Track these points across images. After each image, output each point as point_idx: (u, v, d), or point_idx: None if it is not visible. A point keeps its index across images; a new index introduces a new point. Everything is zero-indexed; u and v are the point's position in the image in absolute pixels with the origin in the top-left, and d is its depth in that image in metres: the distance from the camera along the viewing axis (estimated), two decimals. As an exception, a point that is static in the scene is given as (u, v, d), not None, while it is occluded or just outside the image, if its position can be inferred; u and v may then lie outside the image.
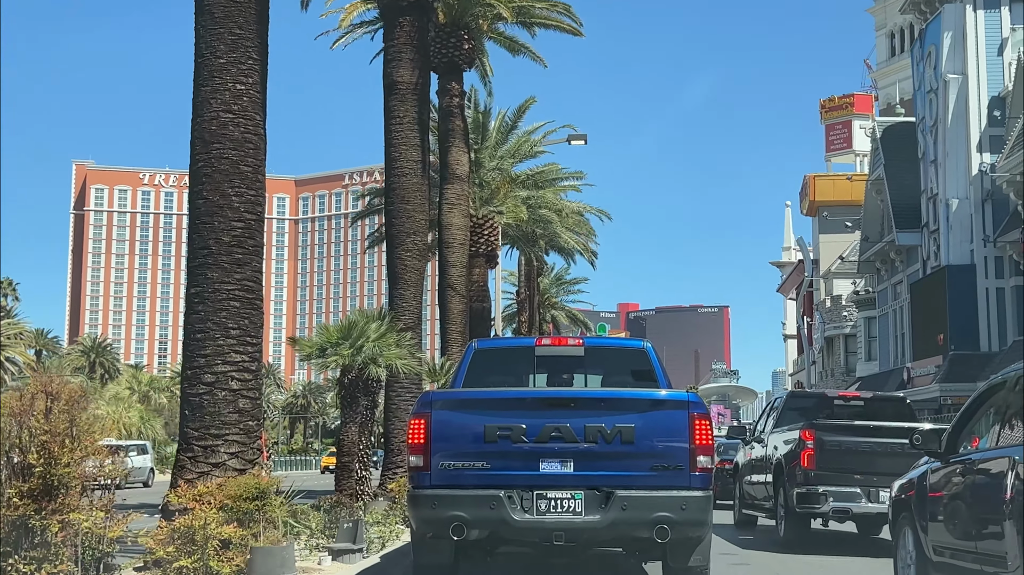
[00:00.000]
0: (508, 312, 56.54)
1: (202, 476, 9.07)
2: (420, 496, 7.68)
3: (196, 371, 9.53)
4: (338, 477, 14.16)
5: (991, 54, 38.70)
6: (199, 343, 9.64)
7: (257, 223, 9.94)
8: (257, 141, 9.87)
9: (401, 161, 18.07)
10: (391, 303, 18.11)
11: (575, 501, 7.56)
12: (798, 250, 73.43)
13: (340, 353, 13.61)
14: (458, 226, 24.40)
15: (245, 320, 9.80)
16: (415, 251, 18.04)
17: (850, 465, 13.24)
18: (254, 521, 8.17)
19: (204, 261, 9.79)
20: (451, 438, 7.69)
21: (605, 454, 7.63)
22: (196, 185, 9.81)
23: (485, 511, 7.50)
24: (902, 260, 44.99)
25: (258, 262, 9.96)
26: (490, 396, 8.00)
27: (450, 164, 24.44)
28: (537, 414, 7.70)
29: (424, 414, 7.75)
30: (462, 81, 24.96)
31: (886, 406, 15.20)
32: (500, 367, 9.28)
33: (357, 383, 14.09)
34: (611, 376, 9.43)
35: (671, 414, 7.79)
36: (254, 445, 9.59)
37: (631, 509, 7.54)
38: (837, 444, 13.27)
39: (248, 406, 9.63)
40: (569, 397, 8.03)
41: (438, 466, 7.64)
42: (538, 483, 7.58)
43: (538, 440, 7.61)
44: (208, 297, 9.76)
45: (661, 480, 7.65)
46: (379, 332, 13.98)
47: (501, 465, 7.60)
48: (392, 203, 18.36)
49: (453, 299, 24.43)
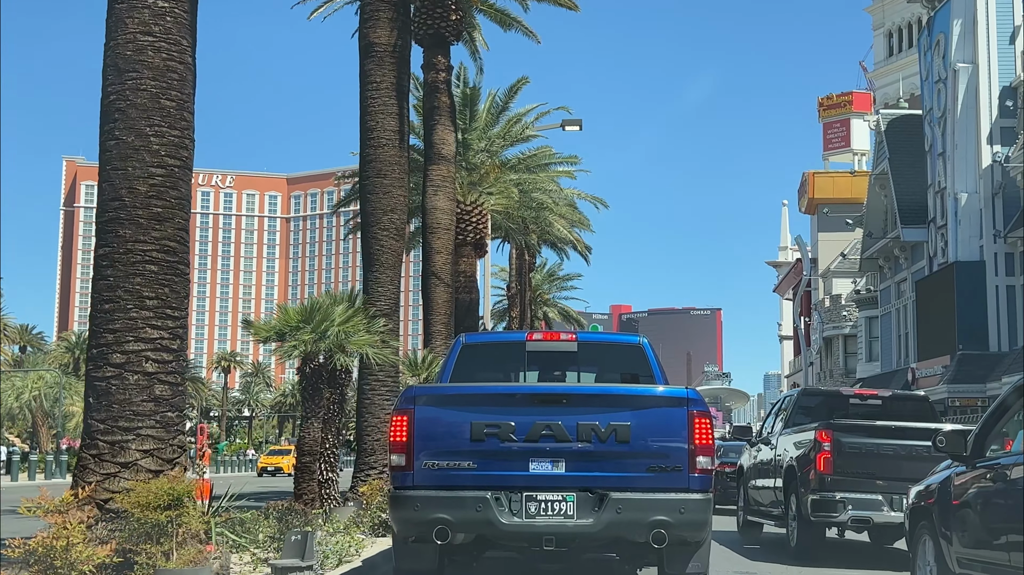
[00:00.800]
0: (498, 308, 54.83)
1: (109, 478, 7.37)
2: (402, 497, 7.20)
3: (103, 350, 7.75)
4: (297, 479, 12.47)
5: (1003, 42, 37.23)
6: (107, 315, 7.86)
7: (182, 171, 8.16)
8: (183, 71, 8.13)
9: (377, 131, 16.31)
10: (365, 287, 16.40)
11: (567, 503, 7.10)
12: (795, 249, 72.14)
13: (300, 338, 11.92)
14: (443, 210, 22.70)
15: (165, 288, 8.00)
16: (392, 230, 16.31)
17: (871, 469, 11.98)
18: (166, 535, 6.50)
19: (115, 215, 7.96)
20: (436, 436, 7.19)
21: (599, 454, 7.15)
22: (108, 123, 8.00)
23: (471, 513, 7.02)
24: (906, 257, 43.54)
25: (183, 218, 8.21)
26: (477, 391, 7.55)
27: (435, 143, 22.74)
28: (527, 411, 7.20)
29: (407, 410, 7.23)
30: (449, 55, 23.26)
31: (906, 405, 13.96)
32: (489, 362, 8.76)
33: (320, 373, 12.39)
34: (605, 373, 8.93)
35: (669, 412, 7.27)
36: (174, 441, 7.80)
37: (626, 512, 7.06)
38: (857, 446, 12.02)
39: (167, 393, 7.87)
40: (561, 393, 7.53)
41: (421, 465, 7.16)
42: (528, 484, 7.10)
43: (528, 439, 7.12)
44: (119, 259, 7.87)
45: (658, 482, 7.17)
46: (345, 315, 12.28)
47: (489, 465, 7.12)
48: (367, 177, 16.60)
49: (437, 288, 22.75)
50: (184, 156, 8.16)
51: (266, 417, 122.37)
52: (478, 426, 7.09)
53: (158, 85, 7.92)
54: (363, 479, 15.71)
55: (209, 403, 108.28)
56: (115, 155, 7.90)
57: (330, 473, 13.45)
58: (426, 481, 7.12)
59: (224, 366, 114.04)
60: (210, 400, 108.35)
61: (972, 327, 36.20)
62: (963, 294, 36.52)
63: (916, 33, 79.57)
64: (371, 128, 16.42)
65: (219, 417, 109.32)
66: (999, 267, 36.52)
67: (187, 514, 6.62)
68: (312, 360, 12.31)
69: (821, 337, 59.12)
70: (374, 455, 16.07)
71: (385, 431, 15.64)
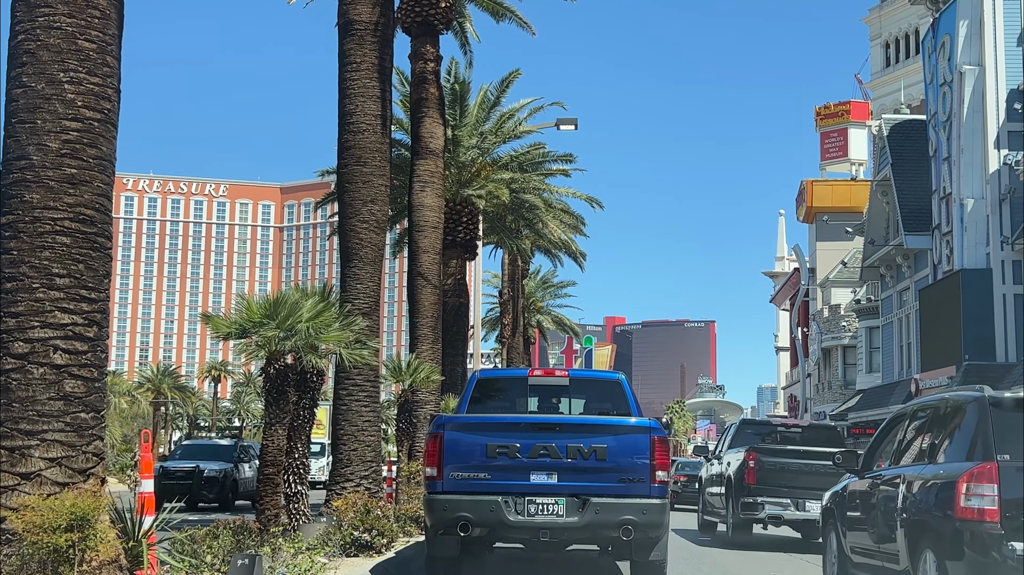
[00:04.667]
0: (491, 316, 53.45)
1: (5, 492, 6.06)
2: (434, 500, 9.20)
3: (2, 338, 6.35)
4: (259, 493, 11.18)
5: (1010, 44, 36.16)
6: (9, 296, 6.51)
7: (103, 126, 6.80)
8: (106, 7, 6.75)
9: (357, 115, 15.02)
10: (343, 283, 15.10)
11: (558, 505, 9.12)
12: (792, 259, 71.09)
13: (263, 335, 10.65)
14: (431, 207, 21.46)
15: (79, 264, 6.65)
16: (373, 223, 15.01)
17: (782, 481, 16.20)
18: (67, 563, 5.24)
19: (21, 176, 6.62)
20: (459, 454, 9.15)
21: (583, 468, 9.15)
22: (14, 68, 6.63)
23: (486, 513, 9.05)
24: (909, 265, 42.40)
25: (104, 182, 6.88)
26: (491, 421, 9.52)
27: (423, 137, 21.51)
28: (529, 435, 9.19)
29: (438, 434, 9.23)
30: (437, 44, 22.03)
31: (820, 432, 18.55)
32: (499, 393, 10.86)
33: (287, 375, 11.11)
34: (591, 402, 10.93)
35: (636, 437, 9.25)
36: (88, 448, 6.44)
37: (603, 513, 9.09)
38: (773, 464, 16.34)
39: (79, 390, 6.46)
40: (555, 422, 9.52)
41: (448, 476, 9.14)
42: (529, 491, 9.11)
43: (529, 456, 9.12)
44: (24, 229, 6.52)
45: (627, 490, 9.16)
46: (315, 310, 11.01)
47: (499, 476, 9.14)
48: (346, 165, 15.29)
49: (424, 290, 21.49)
50: (106, 109, 6.85)
51: (257, 427, 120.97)
52: (492, 447, 9.15)
53: (75, 23, 6.62)
54: (338, 492, 14.43)
55: (199, 413, 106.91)
56: (22, 106, 6.59)
57: (299, 486, 12.18)
58: (452, 488, 9.16)
59: (215, 375, 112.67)
60: (200, 410, 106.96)
61: (978, 337, 35.08)
62: (969, 303, 35.42)
63: (914, 43, 79.09)
64: (350, 112, 15.15)
65: (209, 427, 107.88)
66: (1007, 275, 35.35)
67: (95, 537, 5.35)
68: (277, 360, 11.03)
69: (819, 348, 58.05)
70: (351, 466, 14.80)
71: (363, 439, 14.49)
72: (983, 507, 6.97)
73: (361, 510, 11.64)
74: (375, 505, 11.92)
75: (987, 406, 7.51)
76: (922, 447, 8.33)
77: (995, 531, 6.88)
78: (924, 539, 7.55)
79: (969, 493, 7.06)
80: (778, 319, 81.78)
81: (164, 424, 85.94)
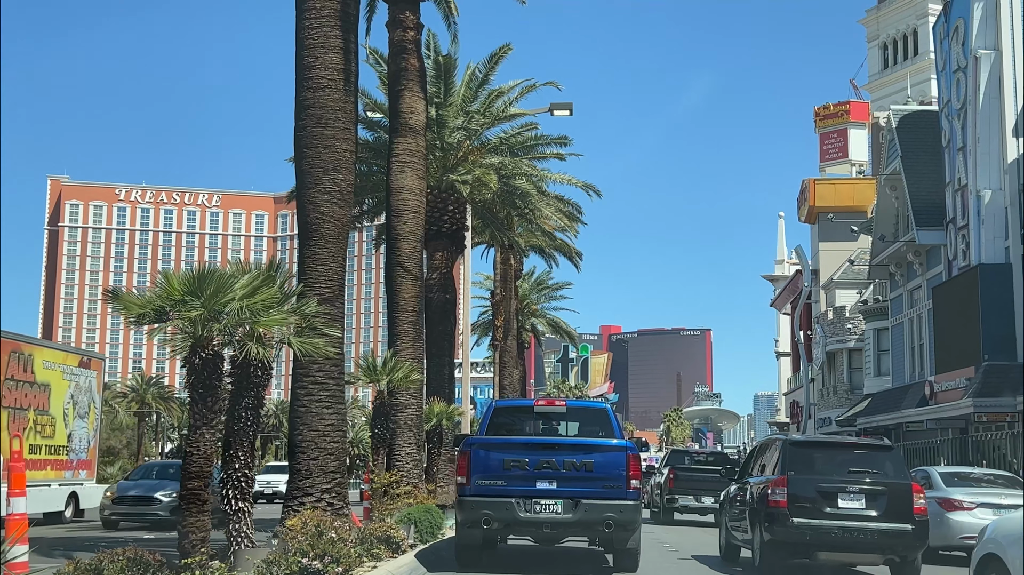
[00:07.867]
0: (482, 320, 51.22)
1: None
2: (464, 502, 12.40)
3: None
4: (182, 512, 9.04)
5: (1028, 27, 34.23)
6: None
7: None
8: None
9: (317, 68, 12.78)
10: (300, 264, 12.88)
11: (557, 506, 12.26)
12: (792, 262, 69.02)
13: (185, 315, 8.55)
14: (411, 190, 19.35)
15: None
16: (336, 193, 12.81)
17: (689, 485, 27.68)
18: None
19: None
20: (482, 466, 12.39)
21: (576, 477, 12.34)
22: None
23: (503, 511, 12.22)
24: (921, 262, 40.39)
25: None
26: (507, 441, 12.71)
27: (402, 112, 19.40)
28: (535, 452, 12.44)
29: (467, 451, 12.51)
30: (418, 11, 19.93)
31: (718, 456, 32.41)
32: (511, 418, 13.79)
33: (215, 366, 8.96)
34: (584, 426, 13.74)
35: (616, 454, 12.55)
36: None
37: (590, 511, 12.26)
38: (684, 474, 28.16)
39: None
40: (555, 443, 12.79)
41: (475, 483, 12.36)
42: (535, 494, 12.28)
43: (535, 468, 12.33)
44: None
45: (609, 494, 12.35)
46: (250, 287, 8.89)
47: (512, 483, 12.31)
48: (304, 127, 12.99)
49: (404, 281, 19.37)
50: None
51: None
52: (507, 461, 12.34)
53: None
54: (295, 509, 12.21)
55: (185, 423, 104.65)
56: None
57: (241, 502, 10.01)
58: (477, 492, 12.28)
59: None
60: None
61: (998, 336, 33.09)
62: (988, 300, 33.45)
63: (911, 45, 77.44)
64: (308, 66, 12.94)
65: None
66: (1028, 270, 33.37)
67: None
68: (204, 347, 8.88)
69: (824, 352, 55.89)
70: (310, 478, 12.63)
71: (324, 447, 12.45)
72: (779, 499, 12.84)
73: (312, 532, 9.50)
74: (330, 525, 9.75)
75: (787, 444, 13.85)
76: (761, 466, 14.58)
77: (785, 513, 12.76)
78: (755, 517, 13.47)
79: (774, 492, 12.95)
80: (778, 324, 79.59)
81: (155, 435, 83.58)
